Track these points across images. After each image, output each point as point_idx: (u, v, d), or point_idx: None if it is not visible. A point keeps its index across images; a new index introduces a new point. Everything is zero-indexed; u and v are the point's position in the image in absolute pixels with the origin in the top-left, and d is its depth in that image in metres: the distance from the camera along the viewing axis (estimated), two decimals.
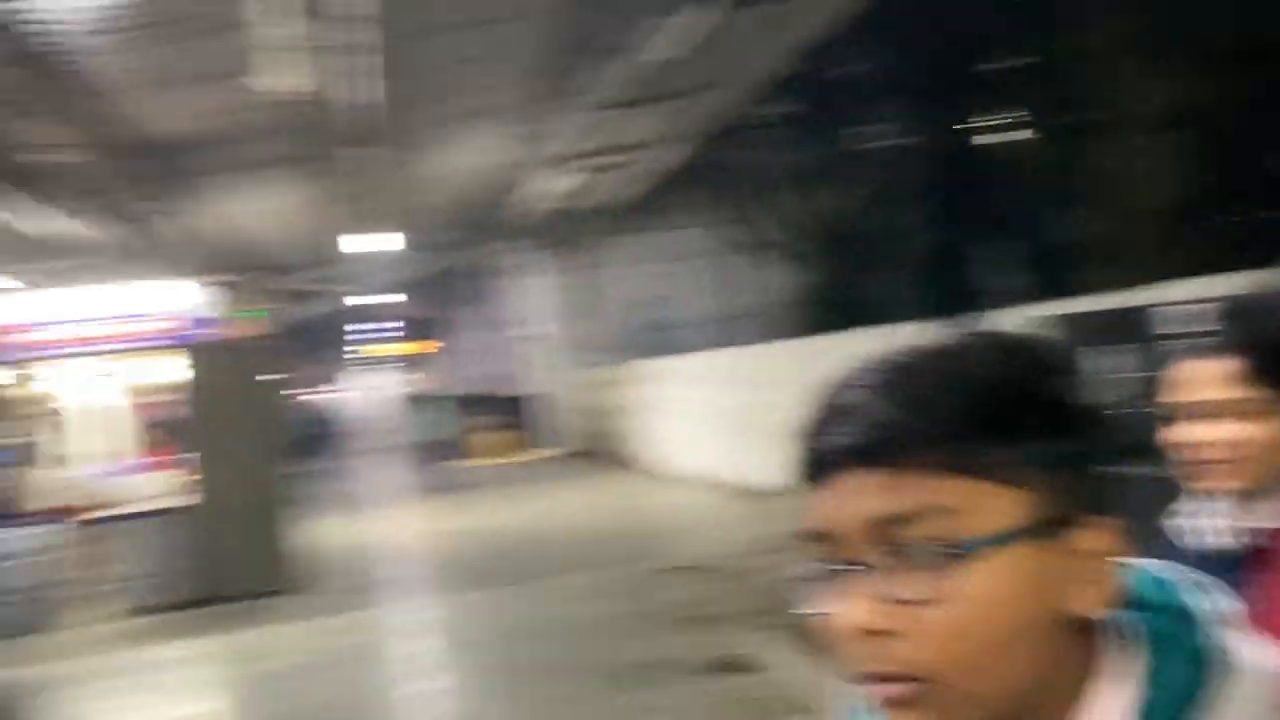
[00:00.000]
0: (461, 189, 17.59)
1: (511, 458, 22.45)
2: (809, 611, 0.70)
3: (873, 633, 0.66)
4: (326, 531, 12.61)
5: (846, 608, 0.67)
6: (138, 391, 14.14)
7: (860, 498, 0.67)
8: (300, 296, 21.30)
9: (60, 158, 10.35)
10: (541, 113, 12.72)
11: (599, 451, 20.53)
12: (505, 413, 24.37)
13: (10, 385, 11.58)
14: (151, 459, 12.88)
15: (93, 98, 9.07)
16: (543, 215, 19.24)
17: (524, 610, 8.75)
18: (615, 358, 20.51)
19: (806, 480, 0.71)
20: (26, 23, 7.24)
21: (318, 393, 37.43)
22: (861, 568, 0.67)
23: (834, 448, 0.69)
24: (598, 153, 14.73)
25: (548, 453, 22.50)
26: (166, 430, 14.25)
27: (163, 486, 11.51)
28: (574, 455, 21.38)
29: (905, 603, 0.66)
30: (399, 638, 8.85)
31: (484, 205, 19.06)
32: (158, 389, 14.06)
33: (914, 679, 0.66)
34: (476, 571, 10.76)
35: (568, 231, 20.87)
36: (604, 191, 18.24)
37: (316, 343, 34.36)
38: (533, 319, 23.68)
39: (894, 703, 0.67)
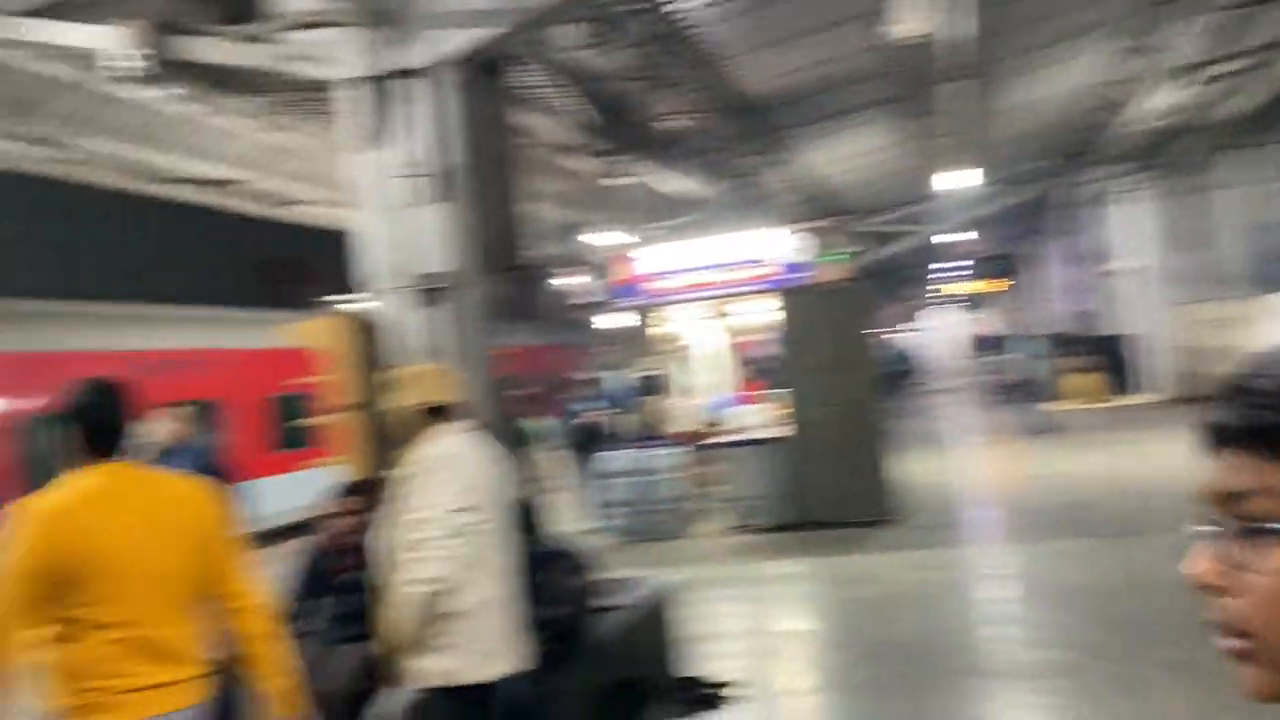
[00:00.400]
0: (1050, 116, 16.59)
1: (1101, 402, 20.98)
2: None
3: (1210, 588, 0.76)
4: (913, 468, 12.86)
5: (1195, 563, 0.78)
6: (739, 331, 15.56)
7: (1222, 471, 0.78)
8: (884, 237, 21.72)
9: (681, 123, 11.63)
10: (1148, 23, 11.51)
11: (1205, 398, 18.34)
12: (1092, 353, 22.77)
13: (649, 326, 13.33)
14: (751, 392, 14.12)
15: (709, 65, 10.05)
16: (1142, 136, 17.45)
17: (1119, 565, 8.20)
18: (1229, 292, 18.11)
19: (1205, 448, 0.80)
20: (658, 6, 8.24)
21: (901, 331, 38.02)
22: (1215, 531, 0.77)
23: (1216, 424, 0.80)
24: (1213, 60, 12.99)
25: (1142, 398, 20.66)
26: (763, 367, 15.53)
27: (764, 418, 12.56)
28: (1174, 401, 19.37)
29: (1237, 566, 0.75)
30: (987, 579, 8.79)
31: (1074, 130, 17.81)
32: (755, 329, 15.34)
33: (1243, 635, 0.75)
34: (1065, 519, 10.30)
35: (1171, 152, 18.72)
36: (1217, 104, 16.05)
37: (898, 282, 34.90)
38: (1124, 251, 21.73)
39: (1230, 654, 0.77)
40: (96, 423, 2.97)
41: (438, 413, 3.69)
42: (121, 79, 5.63)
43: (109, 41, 5.50)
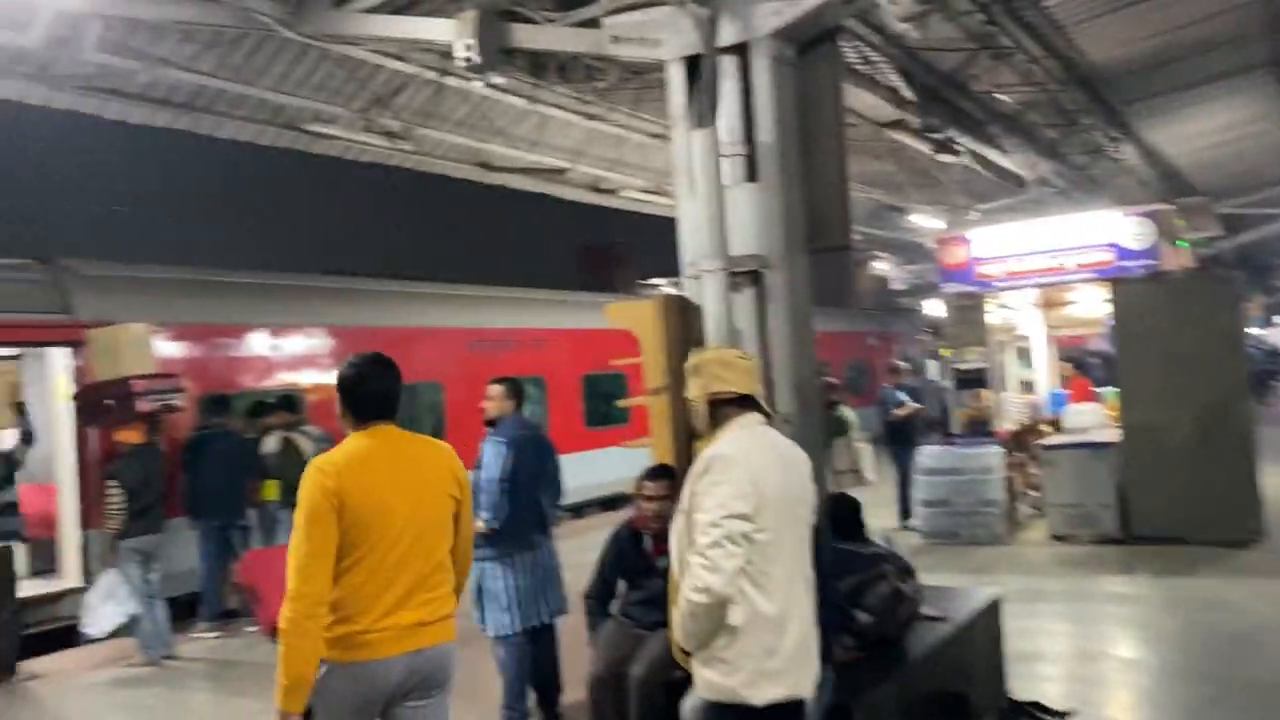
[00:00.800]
0: None
1: None
2: None
3: None
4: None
5: None
6: (1065, 323, 14.45)
7: None
8: (1242, 222, 19.36)
9: (1013, 98, 10.84)
10: None
11: None
12: None
13: (972, 314, 12.60)
14: (1079, 390, 13.03)
15: (1047, 33, 9.26)
16: None
17: None
18: None
19: None
20: None
21: (1267, 327, 33.94)
22: None
23: None
24: None
25: None
26: (1085, 362, 14.31)
27: (1093, 419, 11.54)
28: None
29: None
30: None
31: None
32: (1084, 321, 14.18)
33: None
34: None
35: None
36: None
37: (1261, 272, 31.19)
38: None
39: None
40: (358, 392, 3.34)
41: (731, 403, 3.37)
42: (464, 69, 5.91)
43: (447, 33, 5.79)
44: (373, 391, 3.35)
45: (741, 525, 3.07)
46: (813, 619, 3.32)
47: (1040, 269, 12.19)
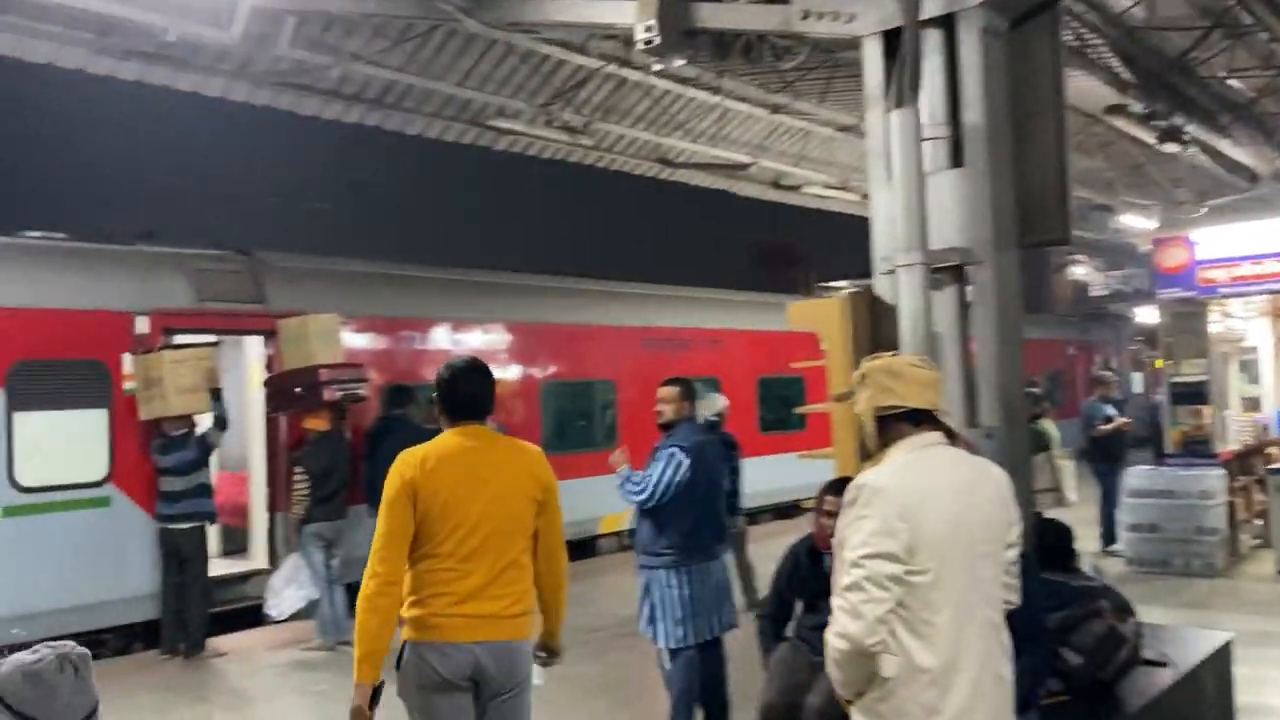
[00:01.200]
0: None
1: None
2: None
3: None
4: None
5: None
6: None
7: None
8: None
9: (1248, 83, 9.83)
10: None
11: None
12: None
13: (1189, 322, 11.64)
14: None
15: None
16: None
17: None
18: None
19: None
20: None
21: None
22: None
23: None
24: None
25: None
26: None
27: None
28: None
29: None
30: None
31: None
32: None
33: None
34: None
35: None
36: None
37: None
38: None
39: None
40: (450, 394, 3.58)
41: (903, 419, 2.87)
42: (644, 52, 5.67)
43: (627, 15, 5.55)
44: (466, 393, 3.59)
45: (887, 566, 2.64)
46: (995, 669, 2.80)
47: (1273, 273, 11.12)
